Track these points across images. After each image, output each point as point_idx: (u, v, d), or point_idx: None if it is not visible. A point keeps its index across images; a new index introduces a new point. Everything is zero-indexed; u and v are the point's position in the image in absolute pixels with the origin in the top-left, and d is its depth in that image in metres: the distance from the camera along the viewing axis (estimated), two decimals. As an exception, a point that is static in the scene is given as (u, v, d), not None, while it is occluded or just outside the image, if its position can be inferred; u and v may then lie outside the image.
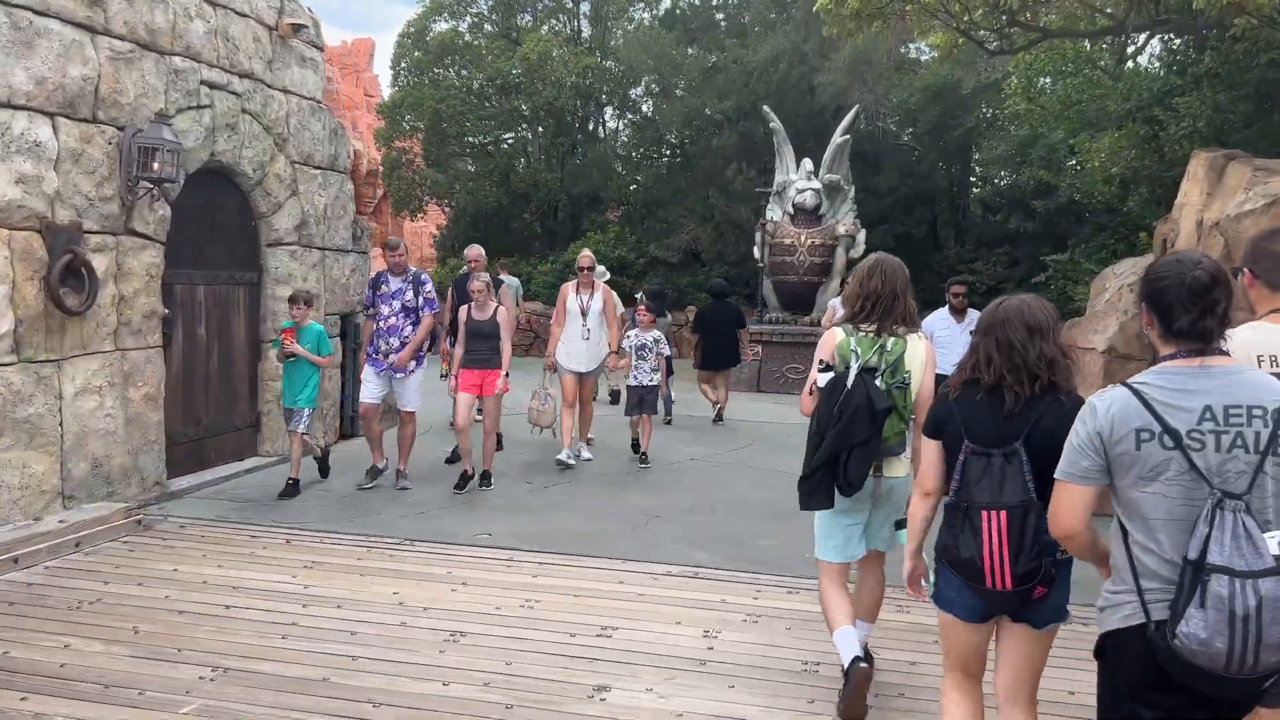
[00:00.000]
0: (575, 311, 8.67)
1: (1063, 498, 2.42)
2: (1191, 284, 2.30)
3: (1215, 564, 2.12)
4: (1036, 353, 2.89)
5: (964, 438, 2.92)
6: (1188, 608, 2.13)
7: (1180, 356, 2.33)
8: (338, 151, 9.44)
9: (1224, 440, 2.22)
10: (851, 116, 17.43)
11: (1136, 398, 2.30)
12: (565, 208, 24.40)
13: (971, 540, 2.81)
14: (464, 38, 24.74)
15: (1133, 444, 2.27)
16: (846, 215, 17.49)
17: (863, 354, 3.83)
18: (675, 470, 8.91)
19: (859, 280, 3.99)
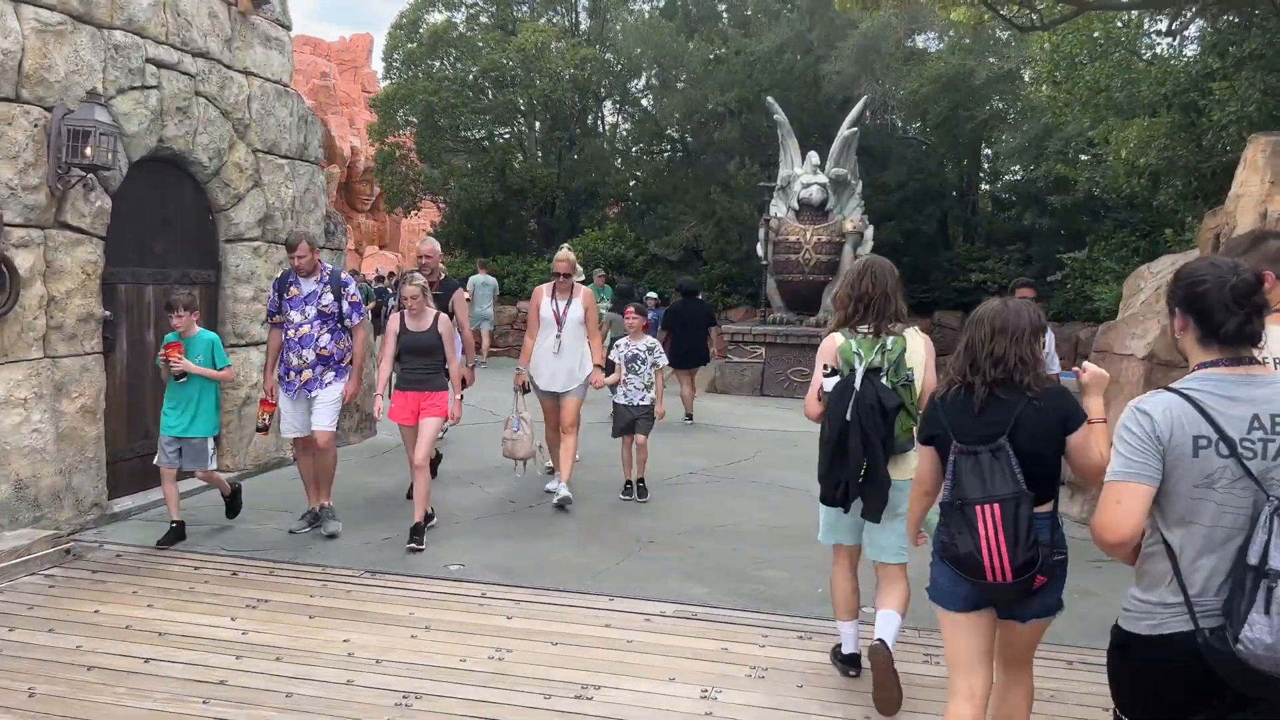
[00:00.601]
0: (549, 319, 7.18)
1: (1123, 499, 2.31)
2: (1238, 286, 2.26)
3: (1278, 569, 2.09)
4: (987, 351, 2.99)
5: (951, 438, 2.99)
6: (1250, 613, 2.10)
7: (1223, 364, 2.30)
8: (308, 140, 8.72)
9: (1270, 448, 2.22)
10: (859, 108, 16.69)
11: (1191, 404, 2.26)
12: (563, 204, 23.68)
13: (969, 536, 2.86)
14: (459, 29, 24.02)
15: (1190, 450, 2.24)
16: (854, 211, 16.75)
17: (865, 355, 3.93)
18: (672, 487, 8.19)
19: (849, 284, 4.10)
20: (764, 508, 7.53)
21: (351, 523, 6.63)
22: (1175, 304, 2.38)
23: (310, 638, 4.68)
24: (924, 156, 20.45)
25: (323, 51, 60.68)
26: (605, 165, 23.03)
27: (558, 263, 7.21)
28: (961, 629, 3.09)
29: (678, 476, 8.55)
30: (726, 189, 20.14)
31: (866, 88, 17.84)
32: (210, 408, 6.12)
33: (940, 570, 3.08)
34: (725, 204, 19.88)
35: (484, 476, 8.19)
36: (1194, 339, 2.36)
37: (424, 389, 6.34)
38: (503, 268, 22.09)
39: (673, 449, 9.75)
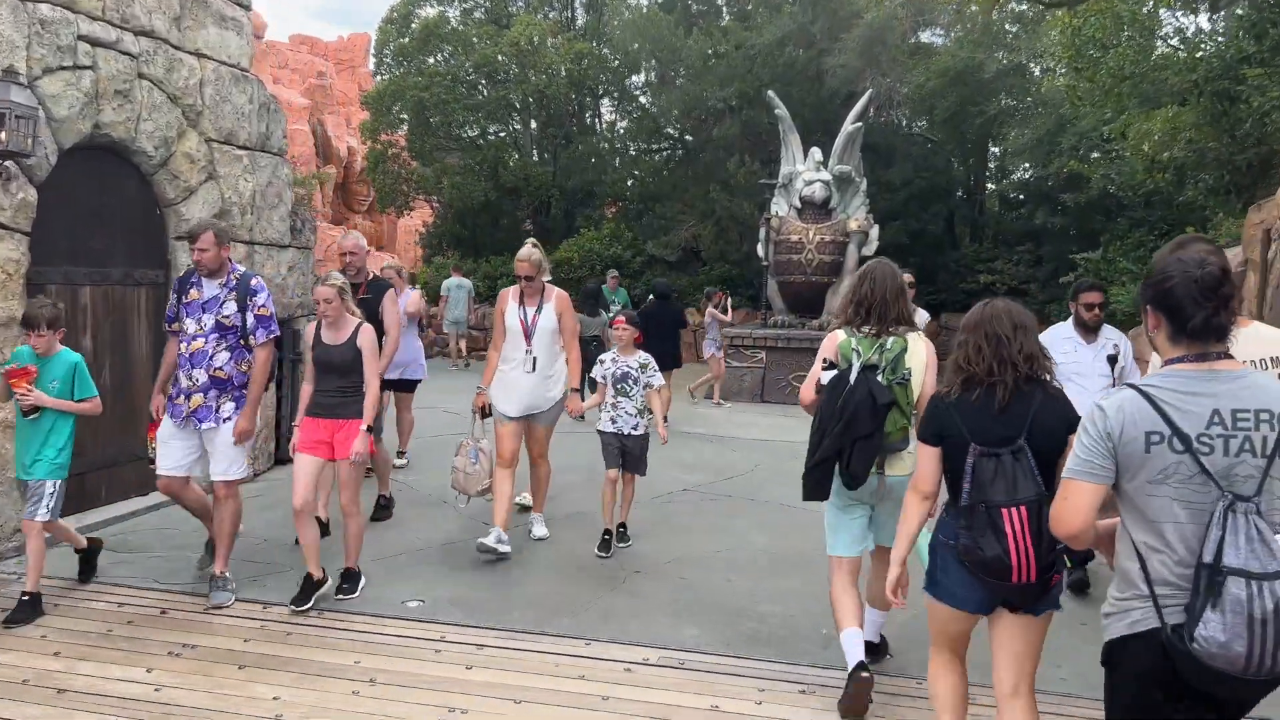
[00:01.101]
0: (515, 330, 6.00)
1: (1071, 496, 2.37)
2: (1203, 279, 2.27)
3: (1232, 566, 2.10)
4: (1018, 346, 3.04)
5: (969, 441, 2.97)
6: (1205, 610, 2.12)
7: (1189, 360, 2.31)
8: (270, 130, 8.08)
9: (1232, 444, 2.22)
10: (864, 102, 16.04)
11: (1146, 400, 2.27)
12: (558, 203, 23.04)
13: (995, 540, 2.85)
14: (451, 24, 23.38)
15: (1142, 446, 2.26)
16: (858, 209, 16.10)
17: (864, 353, 3.99)
18: (662, 506, 7.53)
19: (852, 288, 4.20)
20: (763, 530, 6.87)
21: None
22: (1146, 302, 2.39)
23: (233, 694, 4.03)
24: (930, 154, 19.80)
25: (320, 51, 60.17)
26: (602, 164, 22.39)
27: (519, 264, 5.96)
28: (960, 624, 3.17)
29: (668, 494, 7.90)
30: (726, 187, 19.50)
31: (871, 82, 17.19)
32: (58, 446, 4.83)
33: (954, 575, 3.05)
34: (725, 203, 19.24)
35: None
36: (1165, 336, 2.35)
37: (338, 415, 5.11)
38: (496, 269, 21.45)
39: (663, 462, 9.08)
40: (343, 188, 54.14)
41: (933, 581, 3.16)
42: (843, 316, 4.19)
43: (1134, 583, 2.34)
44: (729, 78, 18.87)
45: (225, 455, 5.17)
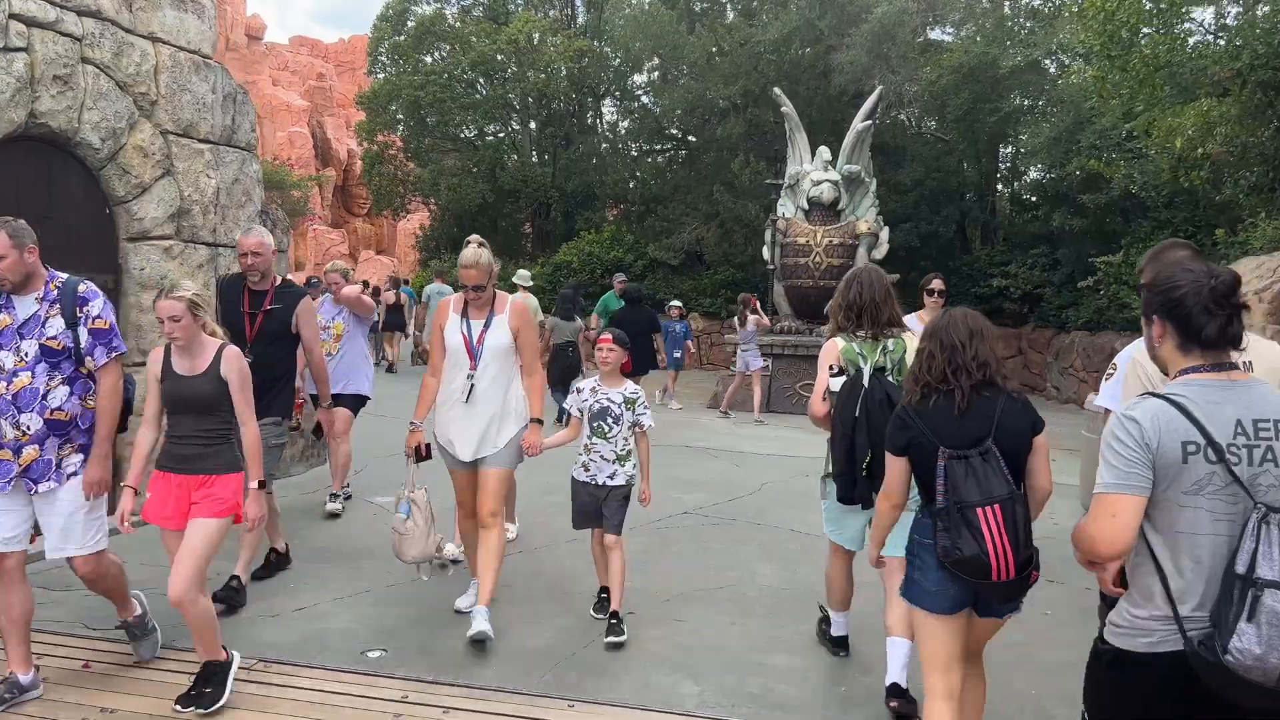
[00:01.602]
0: (457, 349, 4.75)
1: (1118, 513, 2.24)
2: (1217, 288, 2.25)
3: (1267, 579, 2.06)
4: (972, 353, 3.07)
5: (937, 446, 3.00)
6: (1238, 623, 2.07)
7: (1206, 370, 2.28)
8: (237, 122, 7.47)
9: (1255, 454, 2.20)
10: (874, 99, 15.41)
11: (1178, 410, 2.22)
12: (558, 205, 22.43)
13: (972, 539, 2.87)
14: (448, 21, 22.80)
15: (1179, 457, 2.20)
16: (868, 211, 15.48)
17: (869, 356, 4.07)
18: (661, 531, 6.90)
19: (840, 293, 4.27)
20: (771, 560, 6.24)
21: (269, 586, 5.37)
22: (1153, 311, 2.37)
23: (148, 777, 3.40)
24: (942, 154, 19.16)
25: (320, 53, 59.93)
26: (603, 165, 21.78)
27: (464, 271, 4.67)
28: (943, 631, 3.12)
29: (668, 518, 7.27)
30: (731, 189, 18.87)
31: (881, 79, 16.56)
32: None
33: (928, 575, 3.08)
34: (729, 205, 18.62)
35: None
36: (1173, 346, 2.34)
37: (194, 469, 3.93)
38: (493, 273, 20.84)
39: (663, 480, 8.46)
40: (343, 190, 53.60)
41: (909, 583, 3.19)
42: (835, 323, 4.28)
43: (1155, 600, 2.26)
44: (733, 75, 18.26)
45: (77, 528, 3.96)
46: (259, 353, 5.08)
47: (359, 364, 7.15)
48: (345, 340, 7.08)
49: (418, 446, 4.86)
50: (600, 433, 4.89)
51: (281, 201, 30.55)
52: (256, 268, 5.34)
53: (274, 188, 29.81)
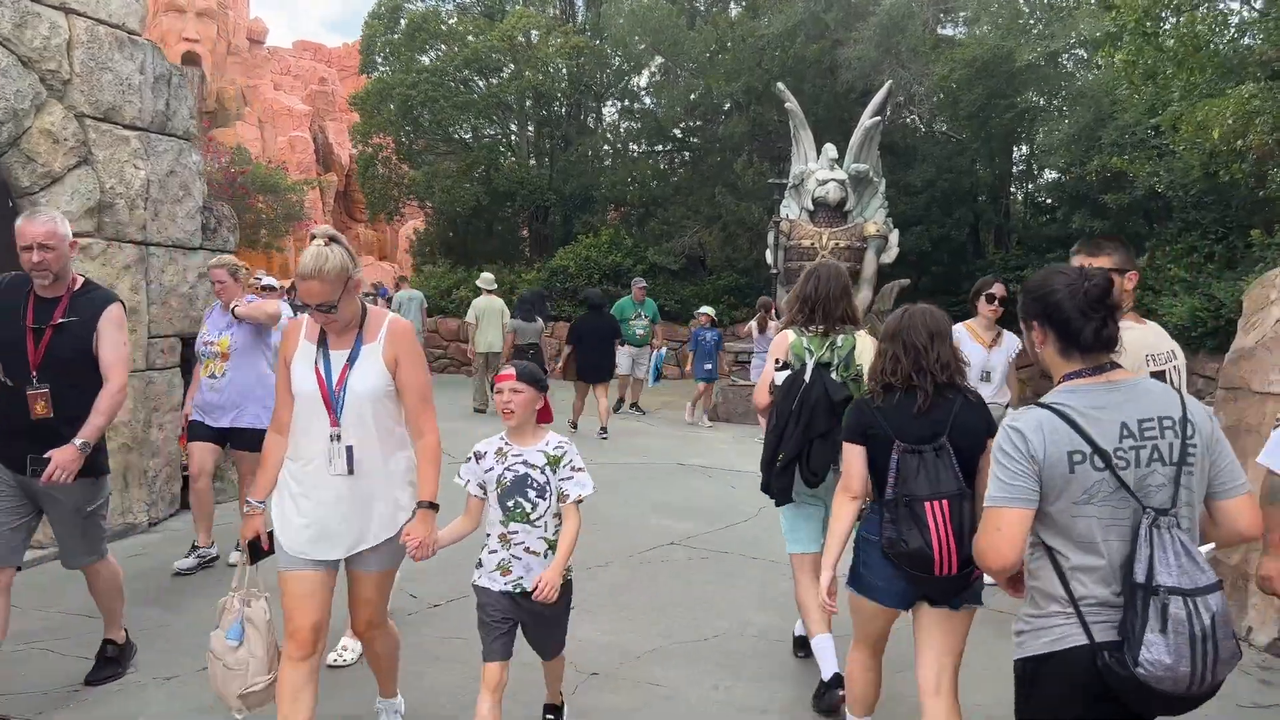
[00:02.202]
0: (309, 395, 3.19)
1: (1003, 524, 2.25)
2: (1090, 291, 2.24)
3: (1167, 585, 2.07)
4: (935, 355, 3.12)
5: (893, 439, 3.05)
6: (1145, 633, 2.07)
7: (1087, 374, 2.28)
8: (172, 108, 6.71)
9: (1142, 455, 2.19)
10: (883, 95, 14.58)
11: (1062, 419, 2.22)
12: (556, 209, 21.66)
13: (918, 532, 2.91)
14: (443, 20, 22.06)
15: (1066, 467, 2.20)
16: (877, 212, 14.66)
17: (816, 351, 4.06)
18: (641, 568, 6.09)
19: (798, 286, 4.25)
20: (766, 605, 5.42)
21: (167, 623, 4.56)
22: (1032, 317, 2.35)
23: None
24: (953, 154, 18.33)
25: (323, 57, 59.35)
26: (601, 166, 21.00)
27: (302, 284, 3.09)
28: (883, 619, 3.22)
29: (652, 550, 6.45)
30: (733, 190, 18.09)
31: (890, 75, 15.75)
32: None
33: (876, 569, 3.11)
34: (731, 207, 17.83)
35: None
36: (1054, 351, 2.32)
37: None
38: (488, 278, 20.09)
39: (649, 506, 7.65)
40: (345, 196, 53.01)
41: (855, 576, 3.22)
42: (788, 315, 4.25)
43: (1054, 598, 2.25)
44: (736, 71, 17.48)
45: None
46: (51, 382, 3.72)
47: (252, 390, 5.61)
48: (235, 359, 5.62)
49: (255, 538, 3.26)
50: (519, 515, 3.24)
51: (277, 205, 29.89)
52: (46, 266, 3.74)
53: (269, 191, 29.13)
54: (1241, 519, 2.27)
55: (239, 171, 28.34)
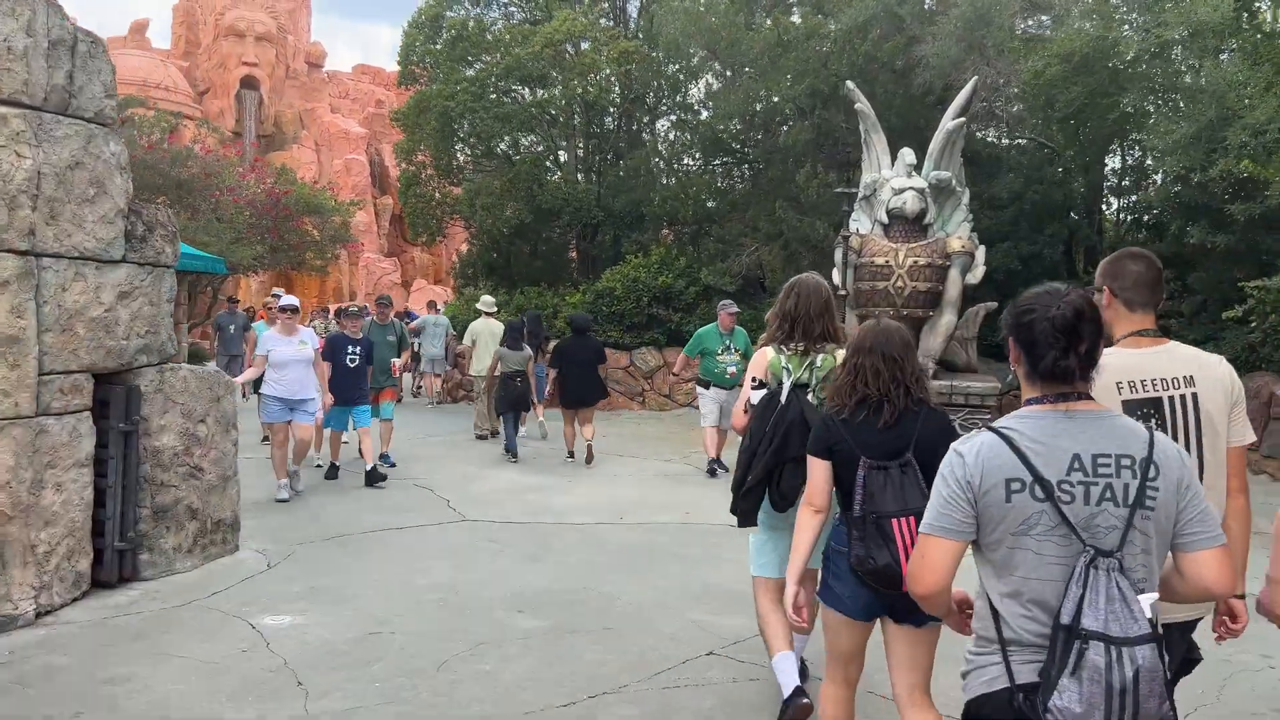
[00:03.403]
0: None
1: (928, 553, 2.19)
2: (1055, 319, 2.14)
3: (1091, 630, 1.95)
4: (910, 368, 3.18)
5: (858, 455, 3.06)
6: (1060, 678, 1.96)
7: (1046, 401, 2.19)
8: (78, 83, 5.31)
9: (1093, 492, 2.07)
10: (968, 93, 12.83)
11: (1006, 444, 2.13)
12: (606, 227, 20.17)
13: (885, 548, 2.92)
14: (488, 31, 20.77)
15: (1003, 495, 2.10)
16: (961, 226, 12.90)
17: (794, 371, 4.00)
18: (667, 696, 4.42)
19: (779, 301, 4.19)
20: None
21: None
22: (1008, 334, 2.28)
23: None
24: (1043, 162, 16.42)
25: (382, 81, 59.14)
26: (652, 180, 19.45)
27: None
28: (852, 631, 3.21)
29: (682, 665, 4.78)
30: (795, 204, 16.39)
31: (975, 70, 13.96)
32: None
33: (845, 581, 3.12)
34: (794, 222, 16.12)
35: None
36: (1024, 373, 2.24)
37: None
38: (530, 301, 18.66)
39: (685, 589, 5.97)
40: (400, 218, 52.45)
41: (825, 587, 3.25)
42: (769, 332, 4.18)
43: (989, 638, 2.16)
44: (799, 73, 15.82)
45: None
46: None
47: None
48: None
49: None
50: None
51: (323, 227, 28.97)
52: None
53: (313, 213, 28.23)
54: (1209, 573, 2.11)
55: (283, 192, 27.50)
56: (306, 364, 8.41)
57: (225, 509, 6.43)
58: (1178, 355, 2.92)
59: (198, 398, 6.17)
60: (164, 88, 44.18)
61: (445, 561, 6.57)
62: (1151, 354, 2.88)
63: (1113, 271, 3.00)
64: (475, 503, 8.52)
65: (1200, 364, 2.90)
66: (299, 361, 8.34)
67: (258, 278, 37.54)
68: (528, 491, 9.18)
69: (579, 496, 9.00)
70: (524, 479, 9.87)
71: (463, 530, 7.51)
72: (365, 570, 6.30)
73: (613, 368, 16.90)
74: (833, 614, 3.20)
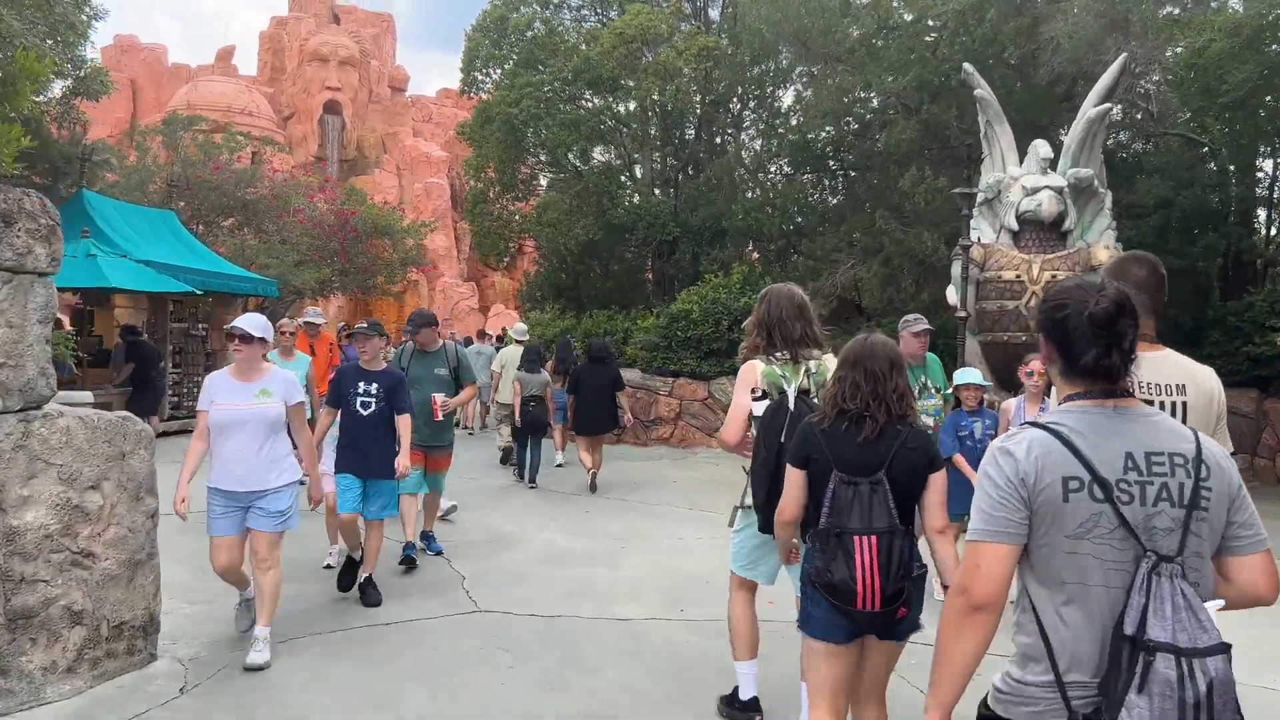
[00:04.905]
0: None
1: (983, 562, 1.99)
2: (1095, 314, 2.02)
3: (1158, 641, 1.81)
4: (893, 385, 3.18)
5: (832, 467, 3.11)
6: (1127, 694, 1.81)
7: (1091, 396, 2.05)
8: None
9: (1149, 492, 1.95)
10: (1114, 73, 10.66)
11: (1058, 440, 1.99)
12: (683, 245, 18.34)
13: (844, 564, 2.96)
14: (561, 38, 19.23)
15: (1059, 494, 1.95)
16: (1104, 234, 10.69)
17: (793, 378, 3.97)
18: None
19: (754, 312, 4.20)
20: None
21: None
22: (1040, 331, 2.16)
23: None
24: (1195, 161, 14.00)
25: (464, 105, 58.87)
26: (734, 193, 17.55)
27: None
28: (834, 660, 3.17)
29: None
30: (898, 214, 14.29)
31: (1116, 54, 11.74)
32: None
33: (816, 603, 3.14)
34: (896, 235, 14.01)
35: None
36: (1059, 370, 2.13)
37: None
38: (599, 325, 16.91)
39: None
40: (481, 242, 51.24)
41: (805, 616, 3.23)
42: (750, 343, 4.16)
43: (1039, 662, 1.97)
44: (902, 63, 13.78)
45: None
46: None
47: None
48: None
49: None
50: None
51: (394, 250, 27.81)
52: None
53: (382, 234, 27.08)
54: (1261, 579, 2.00)
55: (350, 212, 26.44)
56: (269, 428, 5.05)
57: (133, 607, 4.71)
58: (1172, 363, 3.04)
59: (87, 456, 4.48)
60: (247, 113, 44.15)
61: (431, 685, 4.74)
62: (1149, 359, 2.89)
63: (1116, 275, 2.95)
64: (497, 581, 6.69)
65: (1191, 374, 3.01)
66: (254, 423, 5.02)
67: (333, 302, 36.82)
68: (567, 561, 7.32)
69: (631, 569, 7.10)
70: (566, 542, 8.01)
71: (472, 628, 5.67)
72: (312, 702, 4.49)
73: (689, 400, 15.00)
74: (817, 644, 3.19)
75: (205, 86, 45.29)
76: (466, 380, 7.36)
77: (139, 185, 22.48)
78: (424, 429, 6.88)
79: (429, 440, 7.02)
